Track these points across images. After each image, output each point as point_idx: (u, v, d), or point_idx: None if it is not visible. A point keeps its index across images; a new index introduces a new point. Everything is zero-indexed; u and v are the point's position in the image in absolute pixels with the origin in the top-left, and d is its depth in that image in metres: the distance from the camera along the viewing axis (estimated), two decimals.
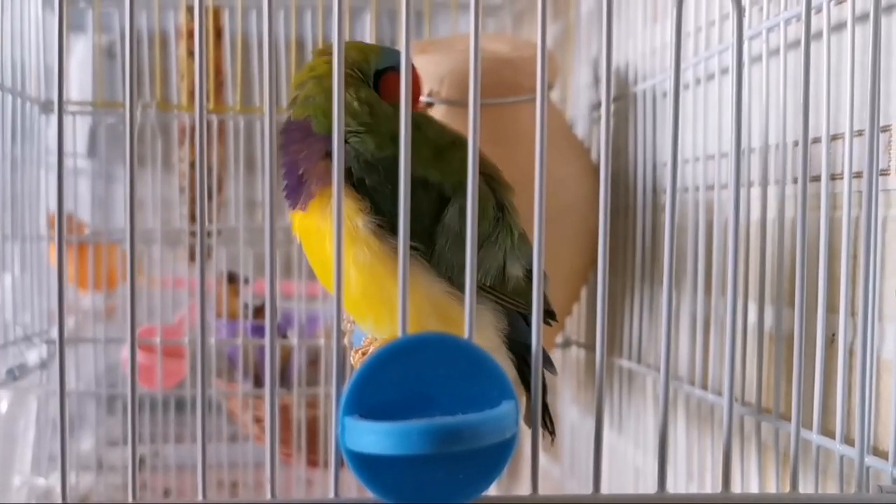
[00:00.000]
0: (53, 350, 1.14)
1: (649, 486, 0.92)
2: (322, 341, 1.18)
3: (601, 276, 0.48)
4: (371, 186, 0.61)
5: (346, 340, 0.79)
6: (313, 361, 1.24)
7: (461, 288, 0.63)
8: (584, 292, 1.06)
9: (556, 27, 1.27)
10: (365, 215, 0.60)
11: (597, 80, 1.07)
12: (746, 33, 0.71)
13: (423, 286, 0.61)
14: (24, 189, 1.04)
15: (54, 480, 1.15)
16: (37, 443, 1.11)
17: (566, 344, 1.15)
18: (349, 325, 0.79)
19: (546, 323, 0.71)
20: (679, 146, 0.81)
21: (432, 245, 0.62)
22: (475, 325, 0.64)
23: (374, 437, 0.42)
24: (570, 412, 1.18)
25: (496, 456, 0.44)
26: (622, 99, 1.00)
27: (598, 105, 1.08)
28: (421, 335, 0.44)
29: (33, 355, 1.04)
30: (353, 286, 0.61)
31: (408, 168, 0.46)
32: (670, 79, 0.49)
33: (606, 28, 0.48)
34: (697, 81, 0.81)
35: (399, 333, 0.45)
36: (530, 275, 0.66)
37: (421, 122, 0.66)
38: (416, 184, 0.62)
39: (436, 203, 0.62)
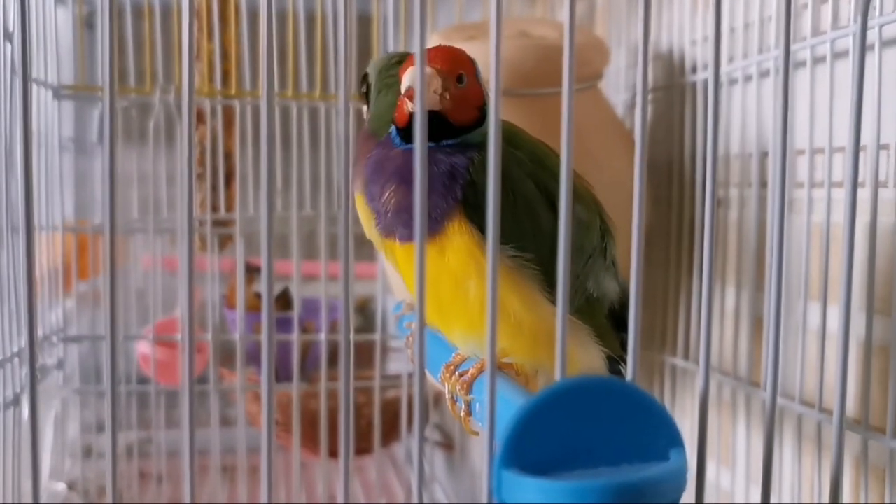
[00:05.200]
0: (70, 348, 1.09)
1: (709, 491, 0.89)
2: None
3: (635, 264, 0.44)
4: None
5: (409, 353, 0.74)
6: (335, 351, 1.20)
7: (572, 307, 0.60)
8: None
9: (581, 5, 1.23)
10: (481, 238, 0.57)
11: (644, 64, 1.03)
12: (846, 30, 0.67)
13: (540, 307, 0.58)
14: (41, 177, 0.99)
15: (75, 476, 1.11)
16: (55, 447, 1.06)
17: None
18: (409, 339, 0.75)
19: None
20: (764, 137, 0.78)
21: (546, 261, 0.57)
22: (584, 347, 0.62)
23: (541, 495, 0.38)
24: None
25: None
26: (674, 88, 0.96)
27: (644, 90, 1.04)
28: (580, 379, 0.40)
29: (53, 355, 0.99)
30: (473, 300, 0.57)
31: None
32: (781, 62, 0.45)
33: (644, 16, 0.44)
34: (777, 71, 0.77)
35: (557, 376, 0.41)
36: (620, 300, 0.65)
37: (515, 135, 0.63)
38: (534, 198, 0.58)
39: (552, 216, 0.58)
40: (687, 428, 0.93)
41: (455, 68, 0.58)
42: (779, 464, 0.77)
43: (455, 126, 0.58)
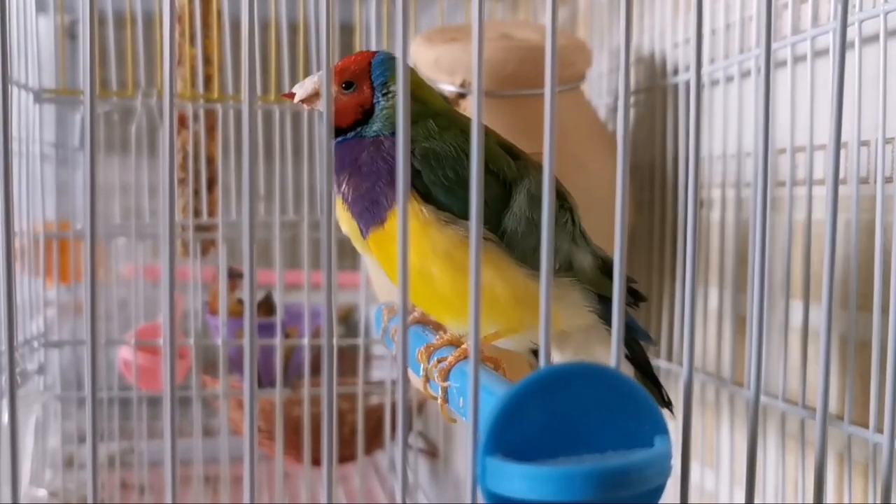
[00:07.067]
0: (52, 356, 1.08)
1: (693, 493, 0.89)
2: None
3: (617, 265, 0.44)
4: (430, 181, 0.59)
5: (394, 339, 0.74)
6: (318, 357, 1.20)
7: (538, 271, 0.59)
8: None
9: (563, 11, 1.23)
10: (430, 208, 0.59)
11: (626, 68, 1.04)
12: (826, 27, 0.68)
13: (507, 271, 0.59)
14: (21, 181, 0.98)
15: (56, 487, 1.10)
16: (35, 453, 1.04)
17: None
18: (392, 328, 0.75)
19: (633, 305, 0.69)
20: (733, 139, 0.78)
21: (502, 231, 0.60)
22: (565, 303, 0.62)
23: (526, 481, 0.37)
24: None
25: (646, 499, 0.40)
26: (656, 90, 0.96)
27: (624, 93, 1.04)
28: (565, 366, 0.40)
29: (34, 360, 0.98)
30: (439, 281, 0.59)
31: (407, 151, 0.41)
32: (762, 61, 0.45)
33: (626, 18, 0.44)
34: (758, 71, 0.78)
35: (542, 360, 0.41)
36: (602, 263, 0.65)
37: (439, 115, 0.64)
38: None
39: (501, 190, 0.60)
40: (671, 429, 0.93)
41: (341, 77, 0.63)
42: (763, 462, 0.77)
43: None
